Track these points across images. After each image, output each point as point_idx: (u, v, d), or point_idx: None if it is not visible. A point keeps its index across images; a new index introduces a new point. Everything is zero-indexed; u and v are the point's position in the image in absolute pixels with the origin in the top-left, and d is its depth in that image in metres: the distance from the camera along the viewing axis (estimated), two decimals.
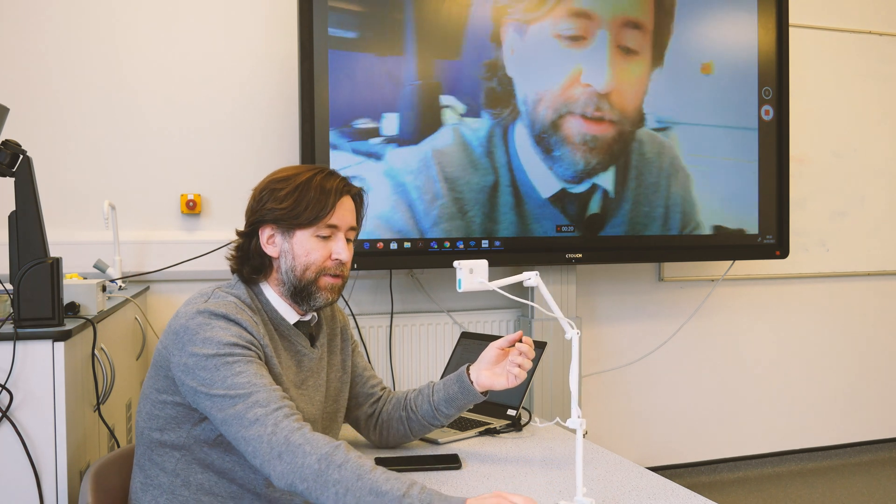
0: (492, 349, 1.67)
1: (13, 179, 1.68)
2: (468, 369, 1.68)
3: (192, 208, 2.93)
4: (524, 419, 1.95)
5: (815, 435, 3.96)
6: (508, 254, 2.99)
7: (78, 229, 2.81)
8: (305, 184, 1.50)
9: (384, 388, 1.80)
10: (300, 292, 1.52)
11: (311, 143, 2.75)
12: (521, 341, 1.64)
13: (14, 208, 1.66)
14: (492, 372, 1.66)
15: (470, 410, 1.96)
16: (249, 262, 1.53)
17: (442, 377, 1.95)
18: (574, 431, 1.44)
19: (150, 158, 2.91)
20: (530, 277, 1.46)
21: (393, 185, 2.86)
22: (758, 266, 3.78)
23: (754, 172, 3.35)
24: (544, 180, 3.05)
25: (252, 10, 2.99)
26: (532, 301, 3.18)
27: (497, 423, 1.93)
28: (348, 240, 1.56)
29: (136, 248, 2.85)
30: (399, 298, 3.16)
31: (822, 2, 3.85)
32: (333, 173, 1.55)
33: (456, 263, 1.43)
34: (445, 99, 2.91)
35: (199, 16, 2.94)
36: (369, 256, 2.82)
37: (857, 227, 3.96)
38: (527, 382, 1.88)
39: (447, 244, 2.91)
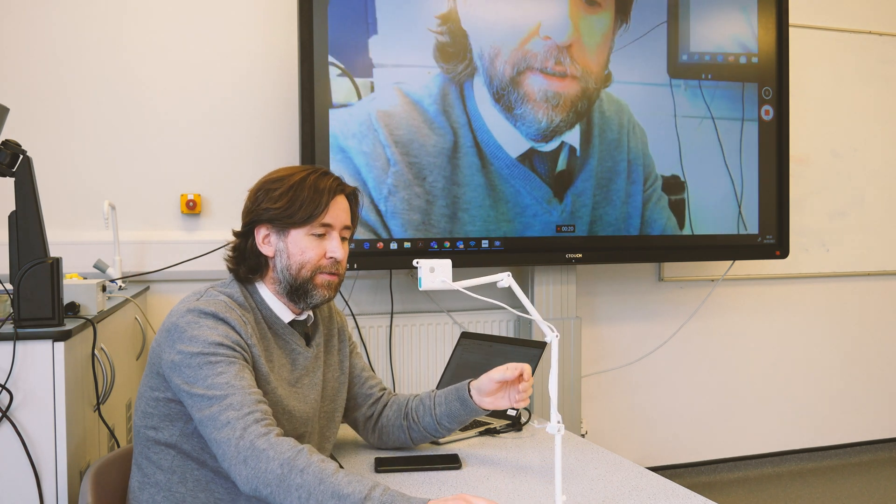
0: (491, 383, 1.64)
1: (13, 179, 1.68)
2: (469, 385, 1.68)
3: (192, 208, 2.93)
4: (524, 419, 1.95)
5: (815, 435, 3.96)
6: (508, 254, 2.98)
7: (78, 229, 2.81)
8: (299, 184, 1.51)
9: (383, 389, 1.80)
10: (296, 290, 1.53)
11: (311, 143, 2.75)
12: (522, 375, 1.62)
13: (14, 208, 1.66)
14: (493, 398, 1.65)
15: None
16: (246, 262, 1.55)
17: (441, 379, 1.95)
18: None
19: (150, 158, 2.91)
20: (502, 278, 1.43)
21: (332, 151, 2.76)
22: (758, 266, 3.78)
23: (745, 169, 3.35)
24: (510, 139, 2.97)
25: (252, 10, 2.99)
26: (532, 302, 3.18)
27: (497, 423, 1.93)
28: (343, 238, 1.57)
29: (136, 248, 2.85)
30: (399, 298, 3.16)
31: (822, 2, 3.85)
32: (327, 173, 1.56)
33: (416, 262, 1.41)
34: (377, 54, 2.81)
35: (200, 16, 2.94)
36: (369, 256, 2.82)
37: (857, 227, 3.96)
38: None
39: (447, 244, 2.90)
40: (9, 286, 1.71)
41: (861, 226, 3.97)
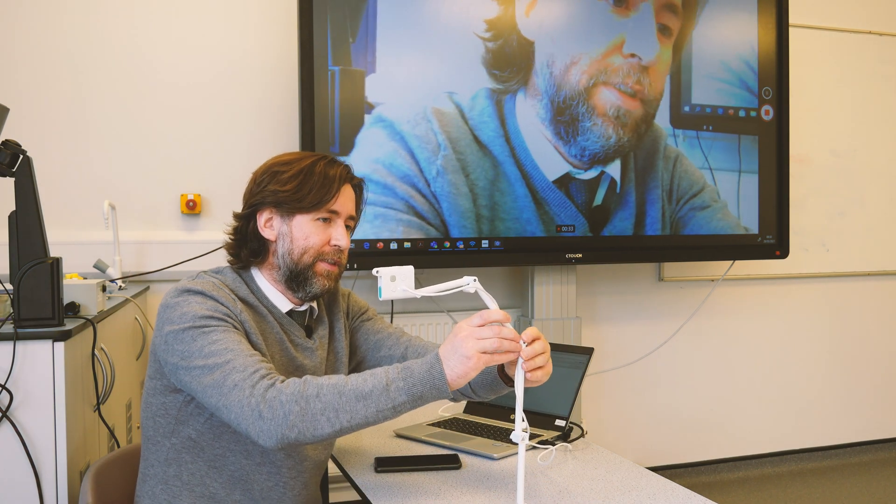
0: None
1: (13, 179, 1.68)
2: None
3: (192, 208, 2.93)
4: (574, 434, 1.84)
5: (815, 435, 3.96)
6: (508, 254, 2.98)
7: (78, 229, 2.81)
8: (309, 168, 1.49)
9: (406, 341, 1.68)
10: (295, 277, 1.49)
11: (312, 143, 2.75)
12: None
13: (14, 208, 1.66)
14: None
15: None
16: (247, 245, 1.52)
17: None
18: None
19: (150, 158, 2.91)
20: (468, 283, 1.36)
21: (388, 133, 2.78)
22: (758, 266, 3.78)
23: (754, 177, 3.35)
24: (550, 160, 2.97)
25: (252, 10, 2.99)
26: (532, 302, 3.19)
27: (548, 434, 1.81)
28: (347, 227, 1.54)
29: (136, 248, 2.85)
30: (400, 299, 3.16)
31: (822, 2, 3.85)
32: (336, 161, 1.54)
33: (375, 271, 1.37)
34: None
35: (200, 16, 2.94)
36: (369, 256, 2.82)
37: (857, 227, 3.96)
38: (574, 391, 1.84)
39: (447, 244, 2.90)
40: (9, 286, 1.71)
41: (861, 226, 3.97)
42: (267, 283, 1.53)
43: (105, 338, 1.97)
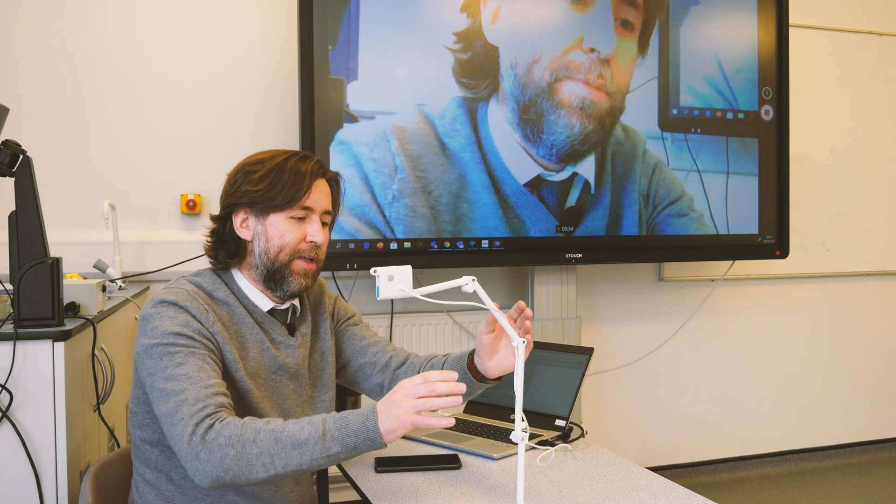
0: (481, 340, 1.54)
1: (13, 179, 1.68)
2: (471, 358, 1.59)
3: (192, 208, 2.93)
4: (574, 434, 1.83)
5: (815, 435, 3.96)
6: (508, 254, 2.98)
7: (78, 229, 2.81)
8: (280, 166, 1.48)
9: (391, 350, 1.71)
10: (273, 276, 1.49)
11: (312, 143, 2.75)
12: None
13: (14, 208, 1.66)
14: (497, 358, 1.54)
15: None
16: (225, 247, 1.52)
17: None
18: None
19: (150, 158, 2.91)
20: (467, 283, 1.37)
21: (345, 157, 2.78)
22: (758, 266, 3.78)
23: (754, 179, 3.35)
24: (521, 163, 2.97)
25: (252, 10, 2.99)
26: (532, 302, 3.18)
27: (548, 434, 1.81)
28: (324, 223, 1.53)
29: (136, 248, 2.85)
30: (399, 298, 3.15)
31: (822, 2, 3.85)
32: (309, 156, 1.53)
33: (373, 270, 1.37)
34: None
35: (200, 16, 2.94)
36: (369, 256, 2.82)
37: (856, 227, 3.96)
38: (574, 391, 1.84)
39: (447, 244, 2.90)
40: (9, 286, 1.71)
41: (861, 226, 3.97)
42: (247, 283, 1.53)
43: (105, 338, 1.97)
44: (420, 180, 2.87)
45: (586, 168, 3.09)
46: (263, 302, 1.53)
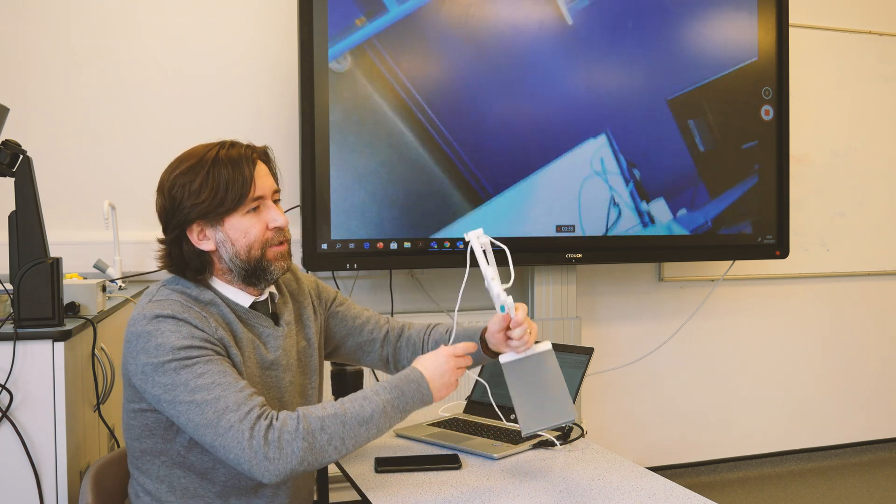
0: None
1: (13, 179, 1.68)
2: (484, 334, 1.63)
3: None
4: (574, 435, 1.84)
5: (815, 435, 3.96)
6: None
7: (78, 229, 2.81)
8: (213, 166, 1.43)
9: (385, 324, 1.74)
10: (253, 273, 1.47)
11: (312, 143, 2.75)
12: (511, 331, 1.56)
13: (14, 208, 1.66)
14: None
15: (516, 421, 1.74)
16: (189, 266, 1.47)
17: (478, 377, 1.90)
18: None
19: (150, 158, 2.89)
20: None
21: None
22: (758, 266, 3.78)
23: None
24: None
25: (252, 10, 2.99)
26: (532, 302, 3.18)
27: (551, 435, 1.81)
28: (276, 201, 1.51)
29: (136, 248, 2.85)
30: (399, 298, 3.16)
31: (822, 2, 3.84)
32: (235, 143, 1.49)
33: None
34: None
35: (200, 15, 2.94)
36: (369, 256, 2.82)
37: (857, 227, 3.96)
38: (574, 391, 1.85)
39: (447, 244, 2.90)
40: (9, 286, 1.71)
41: (861, 226, 3.96)
42: (224, 284, 1.50)
43: (105, 338, 1.97)
44: (420, 180, 2.87)
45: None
46: (244, 299, 1.50)
